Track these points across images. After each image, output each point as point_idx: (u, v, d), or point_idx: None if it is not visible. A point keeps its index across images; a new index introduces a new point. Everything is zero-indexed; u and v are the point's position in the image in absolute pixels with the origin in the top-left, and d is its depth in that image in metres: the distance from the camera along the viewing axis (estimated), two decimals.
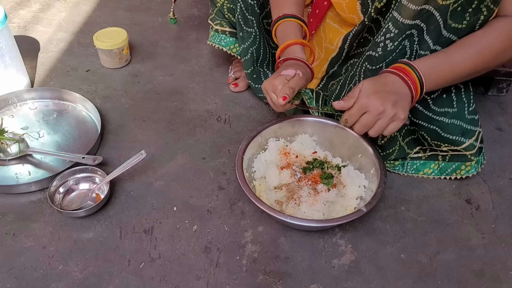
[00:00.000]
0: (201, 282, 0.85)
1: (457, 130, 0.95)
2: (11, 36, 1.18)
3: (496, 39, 0.83)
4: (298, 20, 1.00)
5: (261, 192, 0.96)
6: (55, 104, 1.22)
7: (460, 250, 0.92)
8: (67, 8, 1.65)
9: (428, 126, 0.95)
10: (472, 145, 0.96)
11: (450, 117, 0.94)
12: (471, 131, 0.95)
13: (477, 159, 0.99)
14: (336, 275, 0.87)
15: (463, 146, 0.96)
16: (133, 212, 0.96)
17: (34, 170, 1.05)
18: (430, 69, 0.84)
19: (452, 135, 0.95)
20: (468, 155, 0.98)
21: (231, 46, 1.19)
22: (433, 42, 0.86)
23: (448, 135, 0.95)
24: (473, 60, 0.84)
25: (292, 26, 1.00)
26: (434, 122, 0.95)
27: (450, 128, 0.94)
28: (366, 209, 0.86)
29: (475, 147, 0.97)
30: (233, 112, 1.23)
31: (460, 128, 0.94)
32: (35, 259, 0.87)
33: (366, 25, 0.94)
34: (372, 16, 0.92)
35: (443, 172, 1.03)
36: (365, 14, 0.96)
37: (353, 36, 0.98)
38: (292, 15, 1.00)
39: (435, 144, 0.98)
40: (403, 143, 1.03)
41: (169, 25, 1.57)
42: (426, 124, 0.95)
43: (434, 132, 0.96)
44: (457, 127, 0.94)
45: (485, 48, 0.83)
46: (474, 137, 0.96)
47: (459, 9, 0.81)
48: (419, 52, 0.88)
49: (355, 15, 0.99)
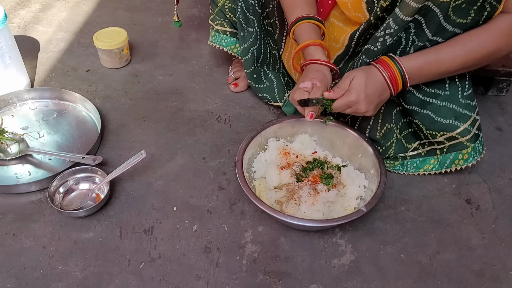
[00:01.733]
0: (201, 282, 0.85)
1: (450, 113, 0.95)
2: (11, 36, 1.18)
3: (490, 39, 0.85)
4: (315, 21, 1.01)
5: (261, 192, 0.96)
6: (55, 104, 1.22)
7: (460, 250, 0.92)
8: (67, 8, 1.65)
9: (422, 111, 0.96)
10: (467, 129, 0.96)
11: (442, 100, 0.95)
12: (466, 115, 0.95)
13: (473, 146, 0.98)
14: (336, 275, 0.87)
15: (457, 131, 0.96)
16: (133, 212, 0.96)
17: (34, 170, 1.05)
18: (416, 68, 0.89)
19: (445, 118, 0.96)
20: (464, 142, 0.98)
21: (232, 46, 1.19)
22: (431, 34, 0.87)
23: (441, 119, 0.96)
24: (461, 59, 0.87)
25: (309, 28, 1.01)
26: (427, 106, 0.96)
27: (443, 112, 0.95)
28: (366, 209, 0.86)
29: (470, 132, 0.96)
30: (233, 112, 1.23)
31: (454, 112, 0.95)
32: (35, 259, 0.87)
33: (372, 23, 0.95)
34: (378, 14, 0.92)
35: (442, 166, 1.03)
36: (370, 13, 0.96)
37: (360, 34, 0.99)
38: (308, 16, 1.01)
39: (431, 135, 0.99)
40: (401, 136, 1.03)
41: (169, 25, 1.57)
42: (419, 110, 0.96)
43: (428, 117, 0.96)
44: (450, 110, 0.95)
45: (476, 47, 0.86)
46: (469, 122, 0.96)
47: (464, 6, 0.82)
48: (416, 43, 0.90)
49: (361, 14, 1.00)
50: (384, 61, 0.90)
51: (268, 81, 1.19)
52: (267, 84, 1.19)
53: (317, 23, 1.01)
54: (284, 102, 1.18)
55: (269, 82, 1.19)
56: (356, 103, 0.89)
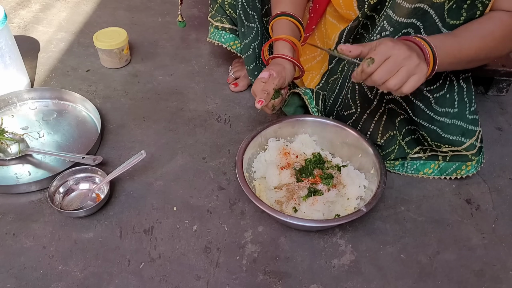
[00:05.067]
0: (201, 282, 0.85)
1: (458, 130, 0.95)
2: (11, 36, 1.18)
3: (496, 27, 0.83)
4: (292, 19, 1.01)
5: (261, 192, 0.96)
6: (55, 104, 1.22)
7: (460, 250, 0.92)
8: (67, 8, 1.65)
9: (429, 126, 0.95)
10: (472, 145, 0.96)
11: (451, 118, 0.94)
12: (472, 131, 0.95)
13: (478, 159, 0.99)
14: (336, 275, 0.87)
15: (463, 146, 0.96)
16: (133, 212, 0.96)
17: (34, 170, 1.05)
18: (441, 45, 0.80)
19: (452, 135, 0.95)
20: (469, 155, 0.98)
21: (231, 43, 1.19)
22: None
23: (448, 135, 0.95)
24: (478, 43, 0.82)
25: (284, 24, 1.01)
26: (435, 123, 0.95)
27: (451, 129, 0.95)
28: (366, 209, 0.86)
29: (476, 147, 0.97)
30: (233, 112, 1.23)
31: (461, 128, 0.95)
32: (35, 259, 0.87)
33: (361, 21, 0.95)
34: (366, 13, 0.92)
35: (443, 172, 1.03)
36: (360, 10, 0.97)
37: (348, 31, 0.99)
38: (287, 13, 1.01)
39: (435, 145, 0.98)
40: (403, 143, 1.03)
41: (169, 25, 1.57)
42: (427, 124, 0.95)
43: (435, 133, 0.96)
44: (457, 127, 0.95)
45: (488, 34, 0.83)
46: (475, 137, 0.96)
47: (454, 6, 0.81)
48: None
49: (352, 11, 1.00)
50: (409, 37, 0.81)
51: None
52: None
53: (294, 21, 1.01)
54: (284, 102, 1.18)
55: None
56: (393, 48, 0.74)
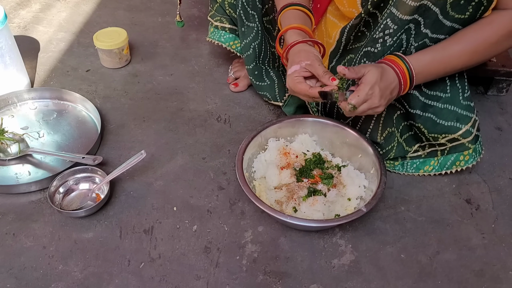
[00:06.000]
0: (201, 282, 0.85)
1: (452, 115, 0.95)
2: (11, 36, 1.18)
3: (492, 32, 0.84)
4: (301, 7, 0.99)
5: (261, 192, 0.96)
6: (55, 104, 1.22)
7: (460, 250, 0.92)
8: (67, 8, 1.65)
9: (424, 114, 0.96)
10: (468, 131, 0.97)
11: (443, 102, 0.95)
12: (466, 117, 0.96)
13: (474, 147, 0.99)
14: (336, 275, 0.87)
15: (459, 132, 0.97)
16: (133, 212, 0.96)
17: (34, 170, 1.05)
18: (423, 67, 0.88)
19: (447, 121, 0.96)
20: (466, 143, 0.98)
21: (231, 43, 1.19)
22: (431, 31, 0.87)
23: (443, 121, 0.96)
24: (467, 56, 0.87)
25: (294, 14, 0.99)
26: (428, 109, 0.96)
27: (444, 114, 0.95)
28: (366, 209, 0.86)
29: (472, 133, 0.97)
30: (233, 112, 1.23)
31: (455, 114, 0.95)
32: (35, 259, 0.87)
33: (363, 18, 0.95)
34: (369, 9, 0.92)
35: (443, 167, 1.03)
36: (364, 8, 0.96)
37: (350, 28, 0.98)
38: (295, 3, 0.99)
39: (433, 138, 0.99)
40: (401, 140, 1.03)
41: (169, 25, 1.57)
42: (421, 113, 0.96)
43: (430, 121, 0.96)
44: (451, 112, 0.95)
45: (481, 43, 0.85)
46: (470, 123, 0.96)
47: (462, 2, 0.82)
48: (415, 44, 0.89)
49: (355, 9, 1.00)
50: (392, 59, 0.88)
51: (269, 80, 1.19)
52: (268, 83, 1.19)
53: (303, 10, 0.99)
54: (284, 102, 1.18)
55: (270, 81, 1.19)
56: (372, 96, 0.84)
